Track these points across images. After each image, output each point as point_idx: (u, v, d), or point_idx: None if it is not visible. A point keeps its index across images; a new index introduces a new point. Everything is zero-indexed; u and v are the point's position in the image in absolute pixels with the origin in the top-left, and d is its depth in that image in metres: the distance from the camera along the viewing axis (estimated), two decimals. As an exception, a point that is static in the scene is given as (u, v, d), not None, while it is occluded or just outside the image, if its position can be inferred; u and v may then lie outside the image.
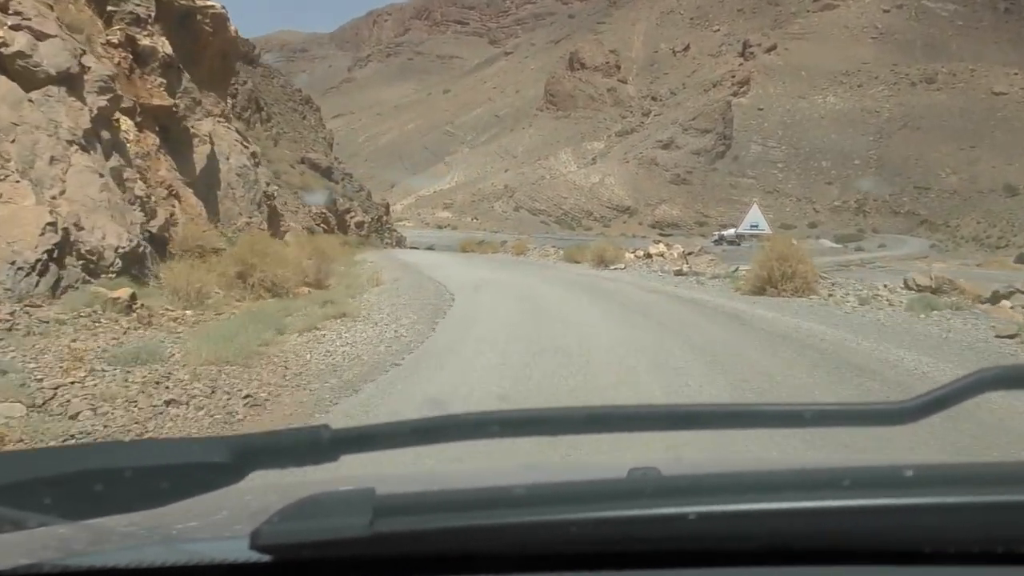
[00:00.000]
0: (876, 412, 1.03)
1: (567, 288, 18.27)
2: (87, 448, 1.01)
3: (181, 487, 0.94)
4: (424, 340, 10.12)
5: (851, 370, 8.25)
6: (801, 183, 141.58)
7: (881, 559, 0.91)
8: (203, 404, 6.29)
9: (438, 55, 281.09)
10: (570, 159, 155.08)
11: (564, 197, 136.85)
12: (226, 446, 0.94)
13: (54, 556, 0.95)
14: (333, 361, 8.53)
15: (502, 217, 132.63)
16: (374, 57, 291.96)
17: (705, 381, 7.52)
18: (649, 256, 30.23)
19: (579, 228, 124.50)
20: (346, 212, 53.20)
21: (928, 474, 0.96)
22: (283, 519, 0.87)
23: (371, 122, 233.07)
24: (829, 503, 0.89)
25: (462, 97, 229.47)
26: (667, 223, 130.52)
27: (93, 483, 0.91)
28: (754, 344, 10.04)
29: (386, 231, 64.24)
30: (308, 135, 68.70)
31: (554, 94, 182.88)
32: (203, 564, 0.93)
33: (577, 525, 0.87)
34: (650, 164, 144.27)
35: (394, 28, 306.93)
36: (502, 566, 0.91)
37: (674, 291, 18.00)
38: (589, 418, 1.03)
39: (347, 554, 0.87)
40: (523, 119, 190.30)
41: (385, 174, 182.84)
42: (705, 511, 0.87)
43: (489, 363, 8.43)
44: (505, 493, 0.93)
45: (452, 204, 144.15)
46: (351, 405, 6.56)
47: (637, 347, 9.56)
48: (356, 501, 0.89)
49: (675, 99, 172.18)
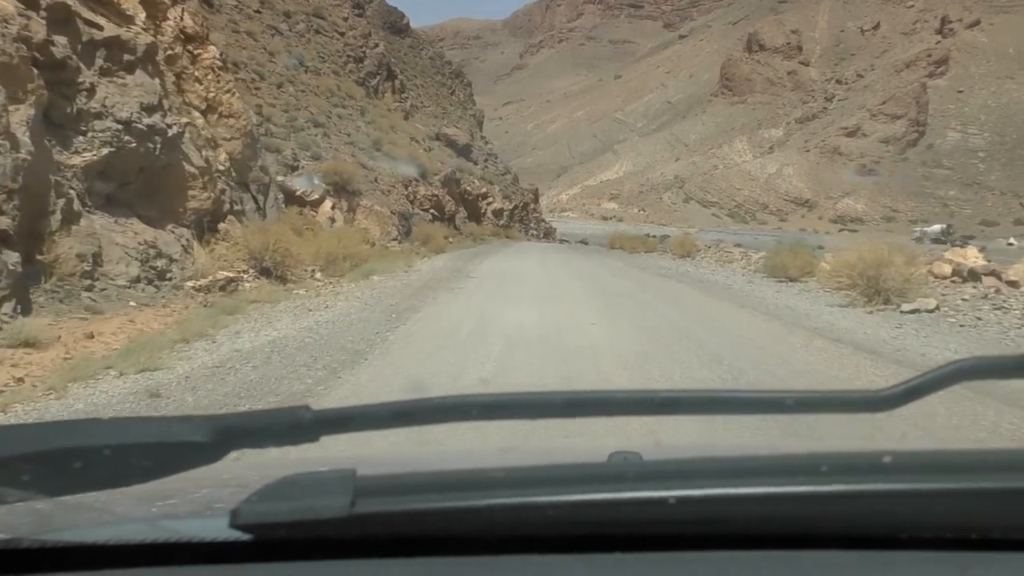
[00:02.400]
0: (855, 400, 1.05)
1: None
2: (67, 424, 1.05)
3: (161, 465, 0.94)
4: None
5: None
6: (1006, 175, 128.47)
7: (858, 544, 0.93)
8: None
9: (610, 40, 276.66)
10: (745, 148, 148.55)
11: (738, 188, 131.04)
12: (206, 425, 0.94)
13: (33, 531, 0.96)
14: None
15: (670, 209, 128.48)
16: (546, 43, 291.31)
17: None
18: (973, 277, 13.79)
19: (753, 222, 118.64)
20: (481, 197, 47.50)
21: (905, 461, 0.97)
22: (263, 499, 0.88)
23: (540, 109, 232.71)
24: (807, 488, 0.90)
25: (633, 83, 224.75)
26: (850, 217, 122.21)
27: (73, 460, 0.91)
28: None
29: (531, 221, 58.71)
30: (454, 111, 66.11)
31: (730, 78, 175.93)
32: (182, 542, 0.93)
33: (557, 508, 0.88)
34: (833, 153, 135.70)
35: (567, 13, 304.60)
36: (481, 547, 0.92)
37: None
38: (569, 403, 1.04)
39: (327, 534, 0.88)
40: (696, 106, 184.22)
41: (551, 162, 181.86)
42: (685, 495, 0.88)
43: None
44: (485, 475, 0.95)
45: (619, 195, 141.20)
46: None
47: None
48: (336, 482, 0.89)
49: (862, 82, 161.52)
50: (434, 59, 71.94)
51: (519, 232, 51.41)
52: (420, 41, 72.13)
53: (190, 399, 5.85)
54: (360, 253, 18.19)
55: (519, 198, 56.81)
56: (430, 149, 45.94)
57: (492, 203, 48.88)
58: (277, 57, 38.92)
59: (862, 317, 11.03)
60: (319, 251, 16.34)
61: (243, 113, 17.02)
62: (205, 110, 15.65)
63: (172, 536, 0.94)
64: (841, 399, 1.10)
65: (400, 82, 53.82)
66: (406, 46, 65.50)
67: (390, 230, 28.76)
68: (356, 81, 46.26)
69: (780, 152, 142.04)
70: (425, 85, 64.84)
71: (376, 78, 49.21)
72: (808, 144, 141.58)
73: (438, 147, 48.46)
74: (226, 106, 16.25)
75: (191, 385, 6.25)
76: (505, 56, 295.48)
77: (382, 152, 35.77)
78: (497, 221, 48.50)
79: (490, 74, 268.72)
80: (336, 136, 34.12)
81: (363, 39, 49.49)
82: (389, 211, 30.00)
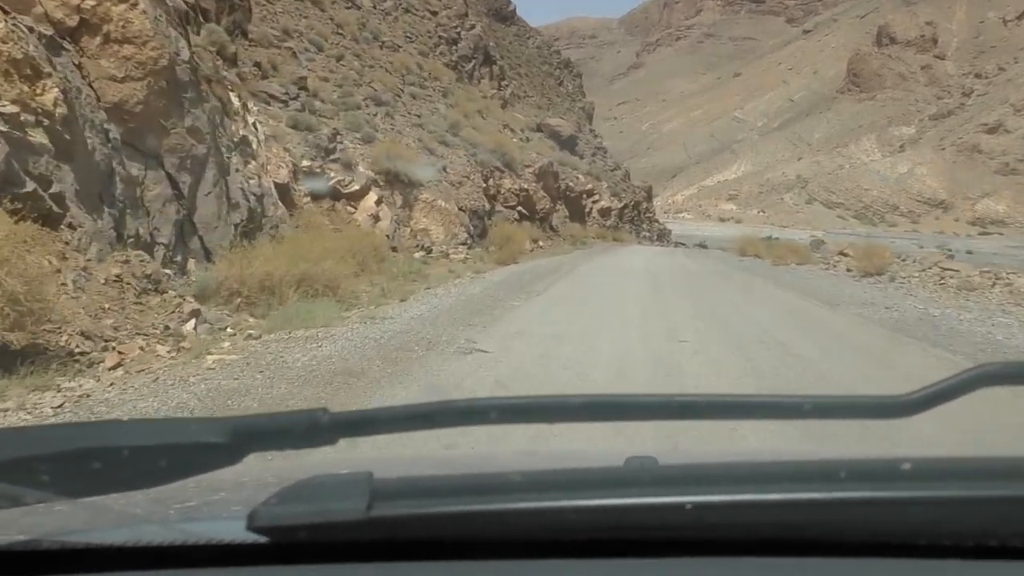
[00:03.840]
0: (876, 405, 1.05)
1: None
2: (85, 426, 1.15)
3: (179, 467, 0.95)
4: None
5: None
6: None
7: (876, 551, 0.93)
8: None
9: (730, 37, 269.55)
10: (873, 146, 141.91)
11: (865, 189, 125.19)
12: (224, 427, 0.94)
13: (52, 533, 0.96)
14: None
15: (792, 210, 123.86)
16: (663, 42, 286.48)
17: None
18: None
19: (881, 224, 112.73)
20: (585, 194, 43.20)
21: (925, 468, 0.97)
22: (280, 501, 0.89)
23: (656, 109, 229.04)
24: (825, 495, 0.90)
25: (753, 81, 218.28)
26: (990, 220, 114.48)
27: (91, 461, 0.92)
28: None
29: (643, 222, 54.55)
30: (561, 103, 63.67)
31: (857, 74, 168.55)
32: (199, 544, 0.94)
33: (575, 512, 0.89)
34: (971, 151, 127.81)
35: (685, 11, 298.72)
36: (498, 552, 0.92)
37: None
38: (586, 407, 1.04)
39: (344, 537, 0.89)
40: (820, 103, 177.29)
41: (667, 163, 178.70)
42: (702, 501, 0.89)
43: None
44: (503, 479, 0.95)
45: (737, 195, 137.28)
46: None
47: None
48: (353, 484, 0.90)
49: (1004, 76, 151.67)
50: (541, 49, 69.62)
51: (629, 234, 47.51)
52: (527, 30, 69.89)
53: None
54: (335, 275, 11.42)
55: (630, 196, 52.70)
56: (528, 140, 42.05)
57: (598, 201, 44.74)
58: (345, 29, 34.92)
59: None
60: (243, 274, 9.96)
61: (155, 40, 10.34)
62: (76, 27, 9.52)
63: (189, 538, 0.95)
64: (859, 405, 1.09)
65: (500, 68, 50.61)
66: (511, 34, 63.80)
67: (456, 231, 24.51)
68: (447, 64, 42.96)
69: (912, 150, 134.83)
70: (530, 75, 62.19)
71: (471, 62, 46.15)
72: (944, 142, 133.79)
73: (538, 139, 44.76)
74: (119, 24, 9.94)
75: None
76: (621, 55, 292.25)
77: (460, 137, 31.01)
78: (604, 221, 44.41)
79: (605, 74, 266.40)
80: (403, 117, 29.79)
81: (458, 20, 46.54)
82: (457, 207, 25.49)
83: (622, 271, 20.38)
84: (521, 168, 33.88)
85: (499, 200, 30.45)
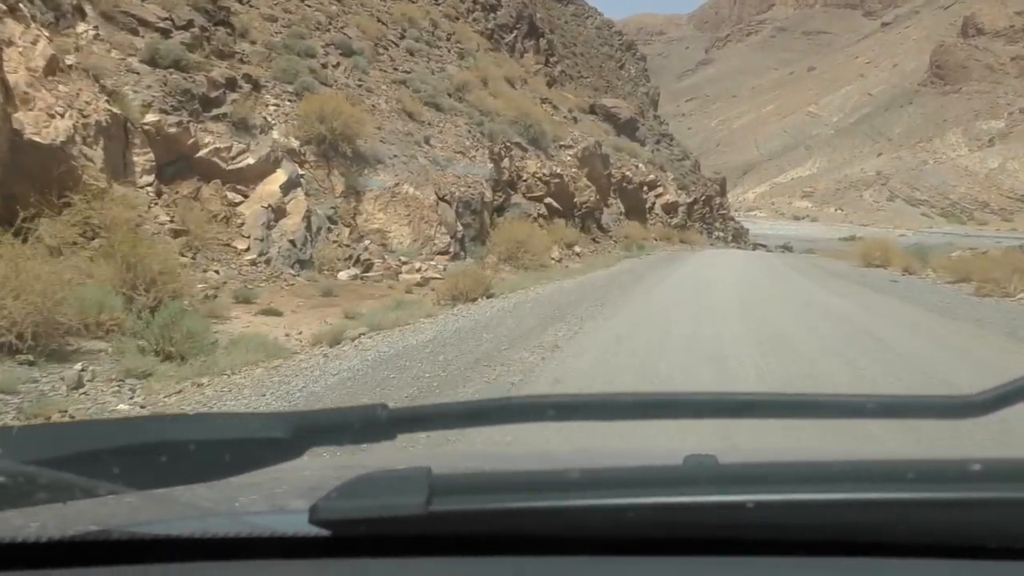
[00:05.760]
0: (942, 406, 1.03)
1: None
2: (154, 420, 1.18)
3: (242, 461, 0.97)
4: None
5: None
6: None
7: (945, 553, 0.91)
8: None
9: (803, 31, 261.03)
10: (960, 141, 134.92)
11: (952, 185, 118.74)
12: (286, 422, 0.97)
13: (122, 524, 1.00)
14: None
15: (872, 208, 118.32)
16: (733, 37, 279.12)
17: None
18: None
19: (970, 222, 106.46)
20: (647, 186, 37.44)
21: (996, 468, 0.96)
22: (341, 495, 0.90)
23: (726, 105, 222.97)
24: (892, 495, 0.89)
25: (828, 75, 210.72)
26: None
27: (159, 454, 0.95)
28: None
29: (716, 220, 48.91)
30: (622, 87, 59.26)
31: (941, 66, 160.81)
32: (263, 536, 0.96)
33: (634, 510, 0.89)
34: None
35: (756, 5, 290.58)
36: (556, 548, 0.92)
37: None
38: (643, 404, 1.06)
39: (403, 531, 0.90)
40: (901, 97, 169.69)
41: (737, 160, 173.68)
42: (764, 500, 0.88)
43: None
44: (561, 476, 0.96)
45: (812, 193, 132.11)
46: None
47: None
48: (413, 479, 0.90)
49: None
50: (601, 29, 65.36)
51: (699, 234, 41.85)
52: (585, 9, 65.54)
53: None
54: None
55: (700, 190, 46.61)
56: (575, 120, 36.28)
57: (662, 195, 38.86)
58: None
59: None
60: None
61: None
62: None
63: (253, 531, 0.96)
64: (926, 404, 1.07)
65: (548, 43, 45.55)
66: (568, 13, 60.00)
67: (433, 233, 16.99)
68: (483, 32, 37.52)
69: (1002, 145, 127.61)
70: (587, 55, 57.63)
71: (513, 33, 41.09)
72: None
73: (591, 121, 39.24)
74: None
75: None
76: (690, 51, 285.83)
77: (466, 102, 24.39)
78: (669, 219, 38.55)
79: (674, 70, 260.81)
80: (382, 73, 22.72)
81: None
82: (436, 196, 17.39)
83: (701, 272, 16.46)
84: (555, 148, 27.04)
85: (519, 188, 23.52)
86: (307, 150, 15.48)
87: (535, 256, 18.78)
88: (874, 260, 23.46)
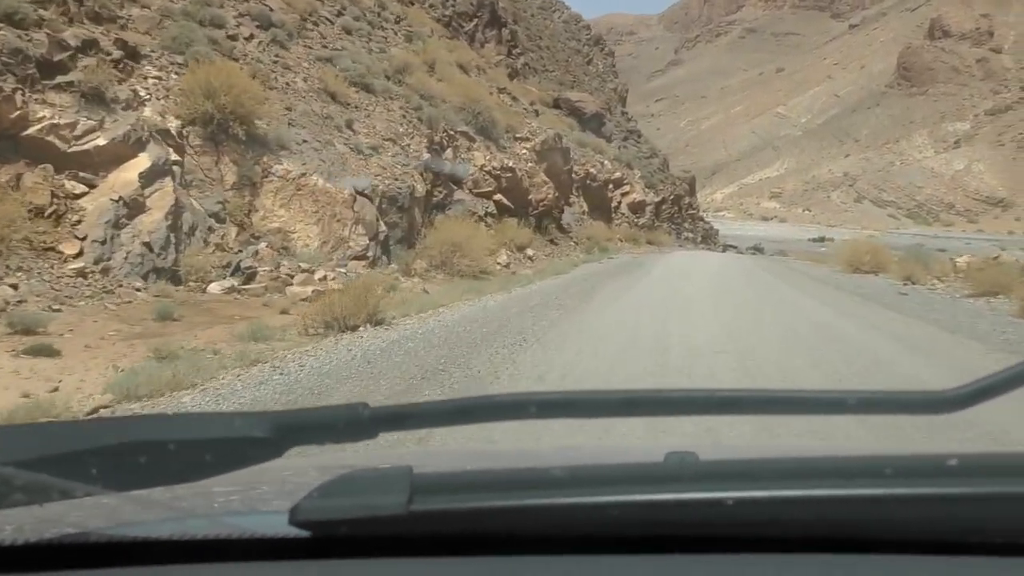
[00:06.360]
0: (921, 401, 1.04)
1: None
2: (132, 420, 1.14)
3: (223, 461, 0.96)
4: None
5: None
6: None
7: (924, 548, 0.92)
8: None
9: (772, 33, 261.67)
10: (926, 143, 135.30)
11: (918, 187, 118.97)
12: (267, 421, 0.96)
13: (100, 526, 0.99)
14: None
15: (840, 208, 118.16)
16: (702, 37, 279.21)
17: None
18: None
19: (936, 223, 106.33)
20: (612, 184, 35.76)
21: (973, 463, 0.96)
22: (322, 495, 0.90)
23: (694, 105, 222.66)
24: (871, 491, 0.89)
25: (796, 76, 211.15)
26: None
27: (138, 455, 0.93)
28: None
29: (686, 220, 47.23)
30: (589, 82, 57.62)
31: (908, 68, 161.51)
32: (243, 538, 0.96)
33: (616, 508, 0.89)
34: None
35: (726, 6, 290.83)
36: (539, 547, 0.92)
37: None
38: (626, 402, 1.07)
39: (384, 531, 0.90)
40: (868, 98, 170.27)
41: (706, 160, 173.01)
42: (744, 496, 0.88)
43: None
44: (544, 474, 0.96)
45: (780, 193, 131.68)
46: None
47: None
48: (394, 479, 0.90)
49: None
50: (568, 23, 63.58)
51: (667, 234, 39.96)
52: (553, 2, 63.87)
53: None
54: None
55: (669, 189, 44.56)
56: (537, 114, 34.08)
57: (629, 193, 36.99)
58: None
59: None
60: None
61: None
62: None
63: (233, 532, 0.96)
64: (904, 400, 1.07)
65: (511, 33, 43.42)
66: (535, 6, 58.05)
67: (347, 233, 14.75)
68: (439, 19, 35.52)
69: (968, 147, 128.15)
70: (553, 48, 55.88)
71: (473, 21, 39.19)
72: (1002, 138, 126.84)
73: (554, 116, 37.08)
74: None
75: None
76: (660, 52, 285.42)
77: (405, 85, 21.92)
78: (636, 219, 36.67)
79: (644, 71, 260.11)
80: (306, 49, 19.98)
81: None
82: (353, 191, 15.10)
83: (666, 287, 14.41)
84: (509, 139, 24.99)
85: (468, 184, 21.35)
86: (191, 132, 13.09)
87: (474, 261, 16.33)
88: (863, 265, 20.88)
